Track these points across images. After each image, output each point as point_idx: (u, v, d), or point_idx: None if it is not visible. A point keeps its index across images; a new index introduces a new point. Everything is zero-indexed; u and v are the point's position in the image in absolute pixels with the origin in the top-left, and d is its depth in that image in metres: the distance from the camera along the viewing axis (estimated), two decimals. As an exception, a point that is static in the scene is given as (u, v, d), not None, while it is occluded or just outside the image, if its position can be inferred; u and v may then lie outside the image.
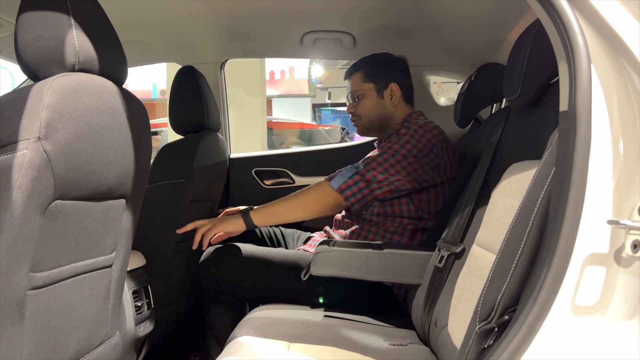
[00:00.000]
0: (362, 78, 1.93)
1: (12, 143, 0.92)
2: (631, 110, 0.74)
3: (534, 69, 1.07)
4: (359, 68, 1.94)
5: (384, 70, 1.92)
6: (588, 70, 0.75)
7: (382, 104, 1.91)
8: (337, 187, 1.68)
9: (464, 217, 1.36)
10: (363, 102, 1.92)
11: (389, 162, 1.70)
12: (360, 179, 1.68)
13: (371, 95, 1.92)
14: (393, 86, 1.90)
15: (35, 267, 1.00)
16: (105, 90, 1.12)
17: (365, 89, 1.92)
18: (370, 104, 1.92)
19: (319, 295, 1.71)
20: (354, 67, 1.97)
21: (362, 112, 1.94)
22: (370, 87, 1.91)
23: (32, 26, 1.02)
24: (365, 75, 1.92)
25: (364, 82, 1.92)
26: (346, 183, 1.68)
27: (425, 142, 1.72)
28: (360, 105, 1.93)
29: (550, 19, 0.79)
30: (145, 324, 1.58)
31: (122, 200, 1.24)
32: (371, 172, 1.68)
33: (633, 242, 0.71)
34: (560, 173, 0.78)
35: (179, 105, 2.04)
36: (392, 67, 1.94)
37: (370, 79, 1.91)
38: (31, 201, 0.94)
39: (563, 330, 0.73)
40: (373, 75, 1.91)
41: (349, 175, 1.69)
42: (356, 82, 1.94)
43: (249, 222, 1.72)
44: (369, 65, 1.93)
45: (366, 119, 1.94)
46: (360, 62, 1.96)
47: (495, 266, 0.93)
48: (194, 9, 2.02)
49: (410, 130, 1.75)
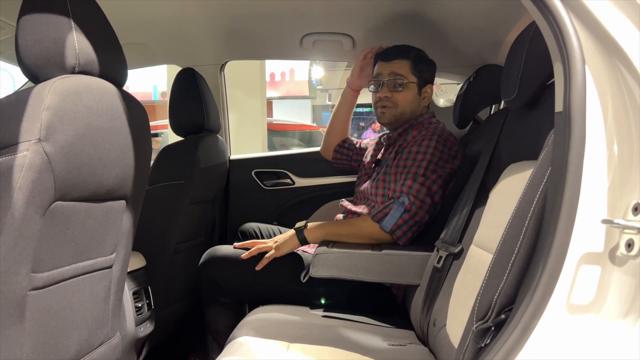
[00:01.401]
0: (410, 67, 1.86)
1: (13, 145, 0.93)
2: (625, 110, 0.75)
3: (531, 70, 1.07)
4: (408, 56, 1.86)
5: (427, 68, 1.90)
6: (582, 71, 0.75)
7: (417, 101, 1.89)
8: (389, 229, 1.66)
9: (462, 217, 1.36)
10: (405, 92, 1.85)
11: (426, 185, 1.67)
12: (409, 217, 1.65)
13: (413, 89, 1.87)
14: (429, 87, 1.90)
15: (36, 268, 1.00)
16: (105, 92, 1.13)
17: (411, 80, 1.86)
18: (411, 96, 1.87)
19: (319, 296, 1.72)
20: (401, 52, 1.88)
21: (400, 101, 1.86)
22: (415, 80, 1.86)
23: (32, 29, 1.03)
24: (413, 66, 1.86)
25: (411, 72, 1.86)
26: (396, 224, 1.65)
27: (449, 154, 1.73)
28: (401, 93, 1.86)
29: (545, 21, 0.79)
30: (146, 325, 1.59)
31: (122, 201, 1.25)
32: (416, 204, 1.65)
33: (627, 241, 0.71)
34: (555, 173, 0.79)
35: (179, 106, 2.05)
36: (433, 68, 1.92)
37: (417, 72, 1.86)
38: (32, 202, 0.94)
39: (558, 329, 0.74)
40: (420, 70, 1.87)
41: (398, 215, 1.65)
42: (404, 68, 1.86)
43: (302, 239, 1.74)
44: (417, 58, 1.88)
45: (401, 109, 1.87)
46: (409, 51, 1.88)
47: (492, 266, 0.93)
48: (194, 11, 2.03)
49: (432, 141, 1.73)
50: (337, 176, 2.43)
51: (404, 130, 1.88)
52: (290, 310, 1.61)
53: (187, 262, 1.99)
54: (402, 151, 1.78)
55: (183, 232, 1.92)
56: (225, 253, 1.80)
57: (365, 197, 1.89)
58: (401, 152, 1.78)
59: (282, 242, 1.75)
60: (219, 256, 1.79)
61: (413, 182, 1.67)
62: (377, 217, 1.67)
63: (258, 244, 1.76)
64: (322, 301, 1.72)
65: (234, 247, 1.80)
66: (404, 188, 1.67)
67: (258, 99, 5.66)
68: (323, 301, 1.72)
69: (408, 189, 1.66)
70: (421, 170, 1.68)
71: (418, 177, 1.67)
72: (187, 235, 1.98)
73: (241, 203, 2.46)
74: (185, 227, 1.94)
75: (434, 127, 1.79)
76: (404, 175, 1.70)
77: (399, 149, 1.81)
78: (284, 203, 2.46)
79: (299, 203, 2.44)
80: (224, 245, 1.86)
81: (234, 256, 1.78)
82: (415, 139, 1.76)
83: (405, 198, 1.66)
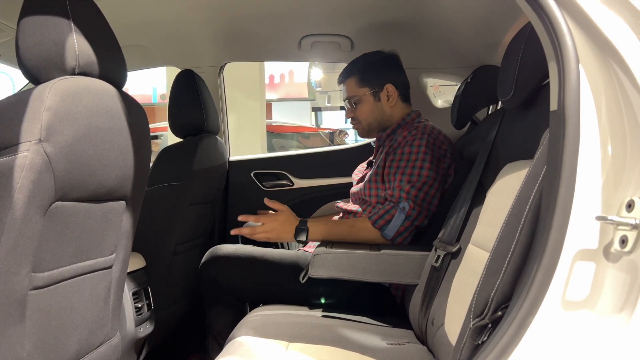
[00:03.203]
0: (356, 83, 1.91)
1: (14, 145, 0.94)
2: (618, 109, 0.76)
3: (527, 71, 1.08)
4: (352, 73, 1.93)
5: (377, 72, 1.91)
6: (576, 70, 0.76)
7: (379, 107, 1.91)
8: (391, 237, 1.67)
9: (460, 216, 1.37)
10: (360, 107, 1.91)
11: (424, 190, 1.68)
12: (409, 224, 1.67)
13: (368, 100, 1.90)
14: (389, 87, 1.90)
15: (36, 268, 1.01)
16: (105, 93, 1.14)
17: (361, 94, 1.90)
18: (368, 108, 1.91)
19: (318, 295, 1.72)
20: (346, 72, 1.95)
21: (360, 117, 1.93)
22: (365, 91, 1.90)
23: (33, 31, 1.04)
24: (359, 79, 1.91)
25: (359, 87, 1.91)
26: (398, 232, 1.67)
27: (441, 153, 1.74)
28: (358, 110, 1.92)
29: (539, 20, 0.80)
30: (146, 325, 1.60)
31: (122, 202, 1.26)
32: (416, 210, 1.66)
33: (621, 237, 0.72)
34: (550, 171, 0.79)
35: (178, 108, 2.06)
36: (385, 67, 1.93)
37: (365, 83, 1.90)
38: (32, 202, 0.95)
39: (554, 325, 0.75)
40: (367, 79, 1.90)
41: (399, 223, 1.66)
42: (351, 88, 1.93)
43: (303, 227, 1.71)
44: (362, 69, 1.92)
45: (365, 123, 1.93)
46: (353, 67, 1.94)
47: (488, 263, 0.94)
48: (193, 13, 2.04)
49: (423, 140, 1.73)
50: (336, 177, 2.44)
51: (392, 131, 1.89)
52: (290, 310, 1.62)
53: (187, 263, 2.00)
54: (393, 152, 1.78)
55: (182, 233, 1.93)
56: (227, 252, 1.80)
57: (360, 197, 1.90)
58: (393, 152, 1.78)
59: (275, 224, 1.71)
60: (221, 255, 1.80)
61: (411, 186, 1.67)
62: (379, 224, 1.67)
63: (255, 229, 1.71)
64: (321, 301, 1.72)
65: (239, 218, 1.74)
66: (402, 193, 1.67)
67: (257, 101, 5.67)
68: (322, 301, 1.72)
69: (407, 194, 1.67)
70: (416, 171, 1.69)
71: (414, 179, 1.68)
72: (186, 236, 1.98)
73: (240, 204, 2.47)
74: (185, 228, 1.95)
75: (423, 126, 1.79)
76: (400, 176, 1.70)
77: (389, 149, 1.81)
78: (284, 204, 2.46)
79: (298, 204, 2.45)
80: (225, 245, 1.87)
81: (236, 255, 1.79)
82: (406, 139, 1.77)
83: (405, 204, 1.66)
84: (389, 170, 1.76)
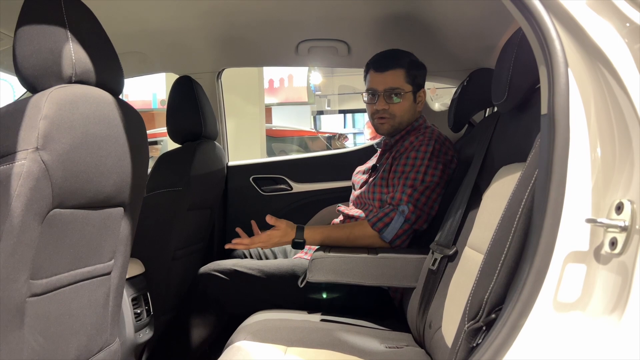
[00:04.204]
0: (404, 77, 1.83)
1: (11, 153, 0.95)
2: (607, 112, 0.77)
3: (520, 74, 1.09)
4: (401, 64, 1.83)
5: (420, 73, 1.87)
6: (565, 74, 0.77)
7: (414, 108, 1.87)
8: (389, 240, 1.67)
9: (456, 220, 1.38)
10: (402, 102, 1.83)
11: (426, 194, 1.68)
12: (408, 227, 1.67)
13: (409, 97, 1.84)
14: (423, 92, 1.88)
15: (35, 275, 1.02)
16: (102, 100, 1.15)
17: (406, 89, 1.83)
18: (407, 105, 1.84)
19: (316, 300, 1.73)
20: (394, 60, 1.84)
21: (398, 112, 1.84)
22: (410, 88, 1.84)
23: (30, 39, 1.05)
24: (406, 74, 1.83)
25: (405, 81, 1.83)
26: (397, 234, 1.67)
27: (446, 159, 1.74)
28: (398, 104, 1.83)
29: (529, 25, 0.81)
30: (145, 331, 1.60)
31: (120, 208, 1.26)
32: (416, 213, 1.66)
33: (611, 239, 0.73)
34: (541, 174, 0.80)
35: (176, 114, 2.07)
36: (424, 71, 1.90)
37: (411, 80, 1.83)
38: (30, 210, 0.96)
39: (546, 326, 0.75)
40: (414, 76, 1.84)
41: (398, 226, 1.66)
42: (398, 79, 1.82)
43: (300, 236, 1.71)
44: (410, 66, 1.84)
45: (399, 119, 1.86)
46: (402, 59, 1.84)
47: (482, 266, 0.95)
48: (191, 20, 2.05)
49: (429, 147, 1.73)
50: (334, 181, 2.45)
51: (401, 137, 1.88)
52: (288, 315, 1.62)
53: (186, 268, 2.01)
54: (399, 157, 1.79)
55: (181, 239, 1.94)
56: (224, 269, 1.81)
57: (362, 201, 1.90)
58: (399, 157, 1.79)
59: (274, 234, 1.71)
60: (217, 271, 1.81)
61: (413, 190, 1.68)
62: (378, 227, 1.67)
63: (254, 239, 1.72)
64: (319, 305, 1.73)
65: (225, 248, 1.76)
66: (403, 196, 1.67)
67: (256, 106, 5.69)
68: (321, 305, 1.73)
69: (408, 197, 1.67)
70: (420, 176, 1.69)
71: (417, 183, 1.68)
72: (185, 242, 1.99)
73: (239, 209, 2.48)
74: (184, 234, 1.96)
75: (430, 132, 1.80)
76: (403, 180, 1.71)
77: (396, 154, 1.82)
78: (282, 208, 2.47)
79: (297, 208, 2.46)
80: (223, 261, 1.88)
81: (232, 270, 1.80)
82: (413, 145, 1.77)
83: (405, 207, 1.66)
84: (394, 175, 1.76)
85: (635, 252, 0.70)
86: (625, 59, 0.75)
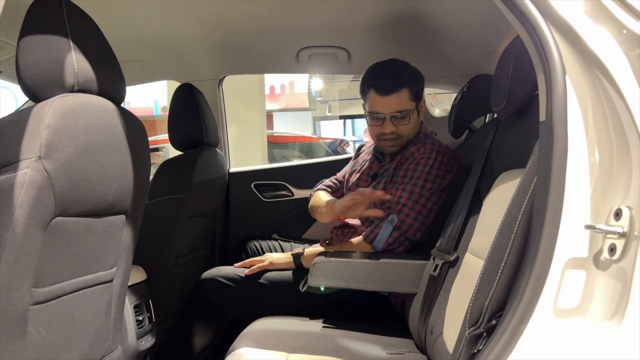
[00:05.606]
0: (409, 96, 1.76)
1: (14, 162, 0.95)
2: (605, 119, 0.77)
3: (518, 81, 1.10)
4: (404, 84, 1.75)
5: (421, 86, 1.82)
6: (563, 82, 0.78)
7: (418, 122, 1.83)
8: (381, 248, 1.69)
9: (457, 225, 1.38)
10: (408, 121, 1.77)
11: (420, 203, 1.69)
12: (399, 234, 1.68)
13: (415, 114, 1.79)
14: (423, 102, 1.85)
15: (37, 283, 1.02)
16: (104, 109, 1.16)
17: (411, 108, 1.77)
18: (415, 122, 1.80)
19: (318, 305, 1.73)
20: (397, 82, 1.74)
21: (405, 131, 1.78)
22: (413, 105, 1.78)
23: (32, 49, 1.06)
24: (410, 92, 1.76)
25: (410, 99, 1.76)
26: (387, 242, 1.68)
27: (446, 169, 1.74)
28: (406, 125, 1.77)
29: (527, 33, 0.82)
30: (147, 338, 1.60)
31: (122, 216, 1.27)
32: (407, 222, 1.67)
33: (610, 245, 0.73)
34: (540, 181, 0.81)
35: (177, 122, 2.08)
36: (423, 82, 1.85)
37: (414, 96, 1.77)
38: (33, 218, 0.97)
39: (546, 332, 0.76)
40: (416, 92, 1.78)
41: (387, 235, 1.68)
42: (403, 101, 1.75)
43: (298, 264, 1.78)
44: (412, 82, 1.77)
45: (406, 138, 1.80)
46: (403, 76, 1.76)
47: (483, 272, 0.95)
48: (191, 28, 2.07)
49: (430, 159, 1.72)
50: (335, 187, 2.44)
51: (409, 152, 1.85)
52: (290, 321, 1.62)
53: (188, 276, 2.01)
54: (400, 167, 1.79)
55: (183, 246, 1.94)
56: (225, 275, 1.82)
57: None
58: (399, 168, 1.79)
59: (277, 259, 1.80)
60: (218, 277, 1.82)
61: (407, 199, 1.69)
62: (370, 239, 1.71)
63: (256, 262, 1.80)
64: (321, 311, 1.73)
65: (234, 267, 1.83)
66: (397, 206, 1.70)
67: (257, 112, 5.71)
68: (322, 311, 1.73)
69: (402, 206, 1.69)
70: (417, 189, 1.70)
71: (414, 195, 1.69)
72: (187, 249, 1.99)
73: (241, 215, 2.48)
74: (185, 241, 1.96)
75: (431, 141, 1.80)
76: (400, 192, 1.72)
77: (397, 164, 1.81)
78: (284, 215, 2.48)
79: (298, 214, 2.46)
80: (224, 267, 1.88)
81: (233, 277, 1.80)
82: (414, 156, 1.77)
83: (394, 216, 1.68)
84: (393, 185, 1.77)
85: (634, 258, 0.71)
86: (622, 66, 0.76)
